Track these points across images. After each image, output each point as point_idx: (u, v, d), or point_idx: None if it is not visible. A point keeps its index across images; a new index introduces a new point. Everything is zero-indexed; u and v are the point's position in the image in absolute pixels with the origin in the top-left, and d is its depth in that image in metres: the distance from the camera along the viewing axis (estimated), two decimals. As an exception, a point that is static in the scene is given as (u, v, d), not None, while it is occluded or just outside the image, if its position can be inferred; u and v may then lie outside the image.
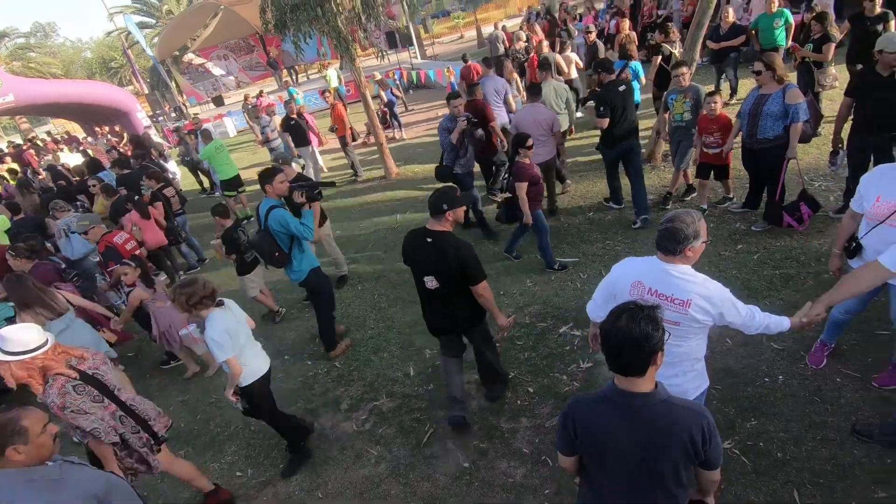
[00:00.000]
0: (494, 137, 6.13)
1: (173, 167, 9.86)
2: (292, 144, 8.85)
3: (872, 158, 4.24)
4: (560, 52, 8.74)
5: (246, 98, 14.40)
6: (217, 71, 23.26)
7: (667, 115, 5.51)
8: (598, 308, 2.53)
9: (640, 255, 2.39)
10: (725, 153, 4.90)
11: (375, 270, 5.98)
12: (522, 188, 4.68)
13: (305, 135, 8.88)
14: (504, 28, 14.17)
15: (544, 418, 3.45)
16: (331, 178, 9.70)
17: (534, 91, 5.71)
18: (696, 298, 2.09)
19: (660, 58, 7.15)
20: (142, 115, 17.83)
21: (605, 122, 5.19)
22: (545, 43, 9.93)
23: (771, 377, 3.30)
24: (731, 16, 7.75)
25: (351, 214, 7.83)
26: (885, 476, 2.59)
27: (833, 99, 6.76)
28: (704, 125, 4.92)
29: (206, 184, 11.13)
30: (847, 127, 4.41)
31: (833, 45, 6.02)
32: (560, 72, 8.32)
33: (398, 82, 14.92)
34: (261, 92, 15.93)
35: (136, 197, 6.52)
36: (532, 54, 9.25)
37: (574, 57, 8.72)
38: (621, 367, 1.64)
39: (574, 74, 8.63)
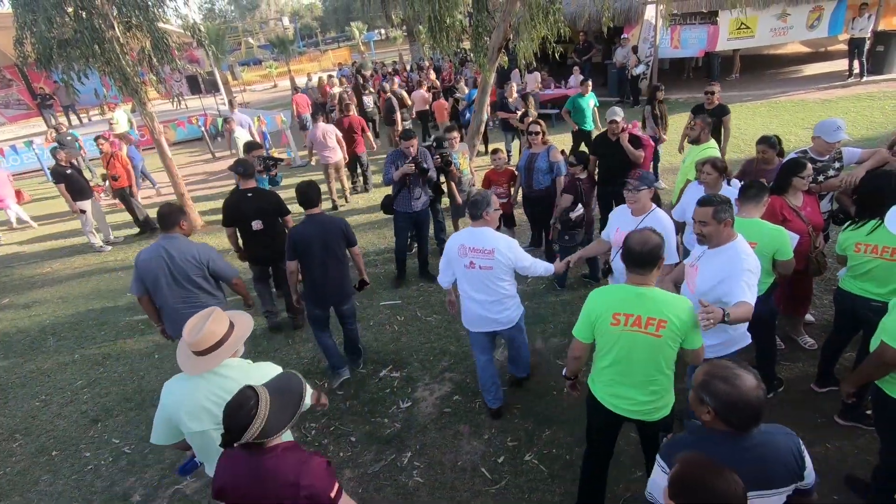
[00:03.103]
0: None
1: None
2: (69, 198, 7.48)
3: (614, 201, 5.38)
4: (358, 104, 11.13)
5: (59, 130, 11.18)
6: (-46, 106, 18.73)
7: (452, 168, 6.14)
8: (443, 275, 3.51)
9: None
10: (514, 201, 5.69)
11: (177, 334, 5.33)
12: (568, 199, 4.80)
13: (86, 186, 7.66)
14: (330, 77, 15.90)
15: (367, 465, 3.43)
16: (121, 235, 8.48)
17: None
18: (498, 246, 3.17)
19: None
20: None
21: None
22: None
23: (558, 390, 3.84)
24: (514, 91, 8.88)
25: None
26: (639, 457, 3.19)
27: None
28: (494, 178, 5.66)
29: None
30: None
31: (529, 119, 7.92)
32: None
33: (203, 129, 13.90)
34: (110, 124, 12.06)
35: None
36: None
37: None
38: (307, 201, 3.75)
39: None
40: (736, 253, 2.56)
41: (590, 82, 7.91)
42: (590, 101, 7.78)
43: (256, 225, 4.53)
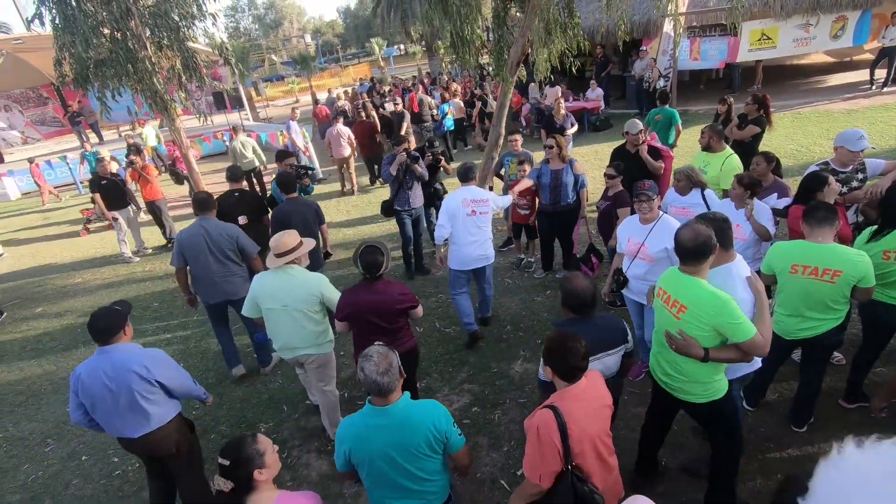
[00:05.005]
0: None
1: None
2: (103, 207, 7.83)
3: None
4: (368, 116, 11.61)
5: (128, 140, 11.79)
6: (-6, 123, 19.55)
7: (502, 172, 6.21)
8: (443, 229, 4.46)
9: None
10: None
11: (199, 345, 5.45)
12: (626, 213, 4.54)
13: (122, 196, 7.98)
14: (346, 92, 17.28)
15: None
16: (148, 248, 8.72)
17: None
18: (489, 198, 4.53)
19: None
20: None
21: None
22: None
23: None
24: (562, 109, 8.35)
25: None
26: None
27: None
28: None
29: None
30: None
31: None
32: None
33: (228, 144, 14.25)
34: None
35: None
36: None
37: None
38: None
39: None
40: (729, 277, 2.51)
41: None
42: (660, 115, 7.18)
43: (242, 220, 5.14)
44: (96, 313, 2.78)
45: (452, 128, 12.07)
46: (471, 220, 4.43)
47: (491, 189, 6.28)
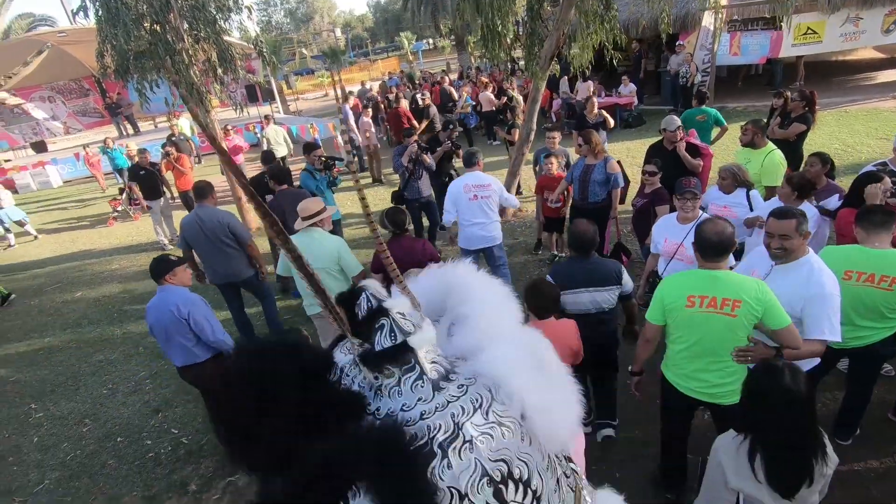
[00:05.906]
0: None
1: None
2: (140, 195, 8.17)
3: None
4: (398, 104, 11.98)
5: (173, 130, 12.30)
6: (38, 114, 20.32)
7: (537, 169, 6.14)
8: (449, 214, 4.71)
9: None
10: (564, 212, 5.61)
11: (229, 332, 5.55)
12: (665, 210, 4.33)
13: (157, 186, 8.20)
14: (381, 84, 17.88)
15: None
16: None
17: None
18: (492, 183, 4.67)
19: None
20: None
21: None
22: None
23: (608, 405, 3.73)
24: (595, 108, 8.13)
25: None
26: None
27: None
28: (545, 183, 5.61)
29: None
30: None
31: (516, 131, 7.89)
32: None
33: (256, 133, 14.50)
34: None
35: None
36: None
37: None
38: None
39: None
40: (812, 270, 2.36)
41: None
42: (699, 116, 6.66)
43: (269, 198, 5.37)
44: (154, 259, 3.42)
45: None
46: (474, 205, 4.60)
47: (519, 186, 6.31)
